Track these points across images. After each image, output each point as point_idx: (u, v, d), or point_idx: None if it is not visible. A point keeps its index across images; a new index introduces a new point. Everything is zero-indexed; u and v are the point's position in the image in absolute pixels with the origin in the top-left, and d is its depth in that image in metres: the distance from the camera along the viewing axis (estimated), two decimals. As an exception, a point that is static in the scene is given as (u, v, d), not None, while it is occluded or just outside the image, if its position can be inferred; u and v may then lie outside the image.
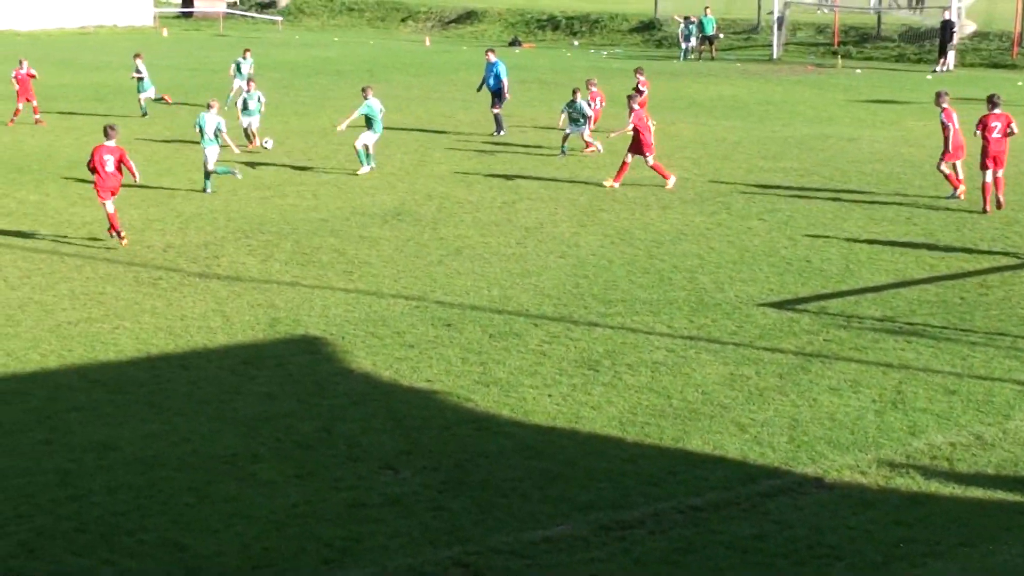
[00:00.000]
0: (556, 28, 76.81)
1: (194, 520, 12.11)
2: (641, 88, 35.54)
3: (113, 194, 23.17)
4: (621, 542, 11.66)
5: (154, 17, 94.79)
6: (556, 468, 13.28)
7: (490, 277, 21.02)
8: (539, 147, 34.36)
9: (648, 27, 72.31)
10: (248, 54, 44.57)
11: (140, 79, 41.85)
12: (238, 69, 43.20)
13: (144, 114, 41.18)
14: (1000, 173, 25.62)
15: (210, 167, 28.08)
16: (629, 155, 28.28)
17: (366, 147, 30.22)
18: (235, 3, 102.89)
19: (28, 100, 39.62)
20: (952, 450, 13.66)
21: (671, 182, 28.26)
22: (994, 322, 18.38)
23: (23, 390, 15.76)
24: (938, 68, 54.49)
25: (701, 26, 62.99)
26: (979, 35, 60.08)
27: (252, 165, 31.24)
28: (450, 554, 11.44)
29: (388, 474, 13.14)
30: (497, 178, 29.79)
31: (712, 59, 61.92)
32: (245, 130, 34.18)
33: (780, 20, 61.99)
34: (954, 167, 26.68)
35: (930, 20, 60.79)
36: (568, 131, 32.65)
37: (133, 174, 23.42)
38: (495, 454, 13.65)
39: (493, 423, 14.59)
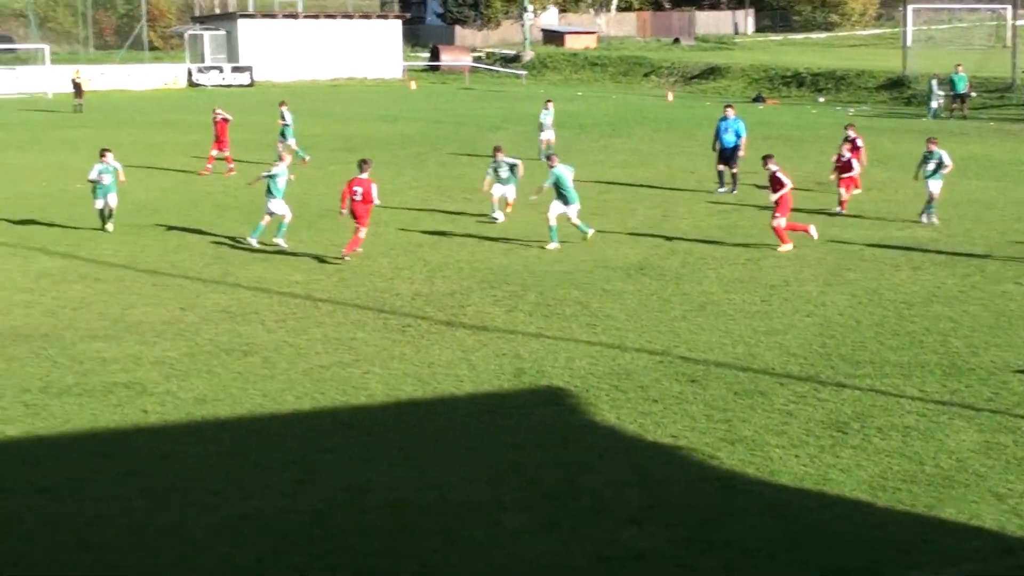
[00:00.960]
0: (801, 85, 76.14)
1: (442, 564, 12.26)
2: (858, 144, 35.00)
3: (359, 220, 26.23)
4: (872, 610, 11.39)
5: (403, 70, 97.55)
6: (803, 530, 13.03)
7: (735, 334, 20.83)
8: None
9: (897, 84, 71.03)
10: (550, 105, 44.27)
11: (285, 126, 42.54)
12: (542, 123, 43.21)
13: (304, 158, 41.97)
14: None
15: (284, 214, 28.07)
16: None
17: (568, 219, 28.20)
18: (481, 57, 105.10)
19: (220, 147, 40.84)
20: None
21: (785, 247, 27.39)
22: None
23: (279, 431, 16.27)
24: None
25: (952, 84, 61.56)
26: None
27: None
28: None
29: (633, 528, 13.11)
30: (740, 235, 29.57)
31: (964, 118, 60.37)
32: (497, 200, 31.85)
33: (1036, 78, 60.16)
34: None
35: None
36: (935, 191, 31.28)
37: (372, 201, 26.29)
38: (740, 513, 13.48)
39: (739, 481, 14.42)
